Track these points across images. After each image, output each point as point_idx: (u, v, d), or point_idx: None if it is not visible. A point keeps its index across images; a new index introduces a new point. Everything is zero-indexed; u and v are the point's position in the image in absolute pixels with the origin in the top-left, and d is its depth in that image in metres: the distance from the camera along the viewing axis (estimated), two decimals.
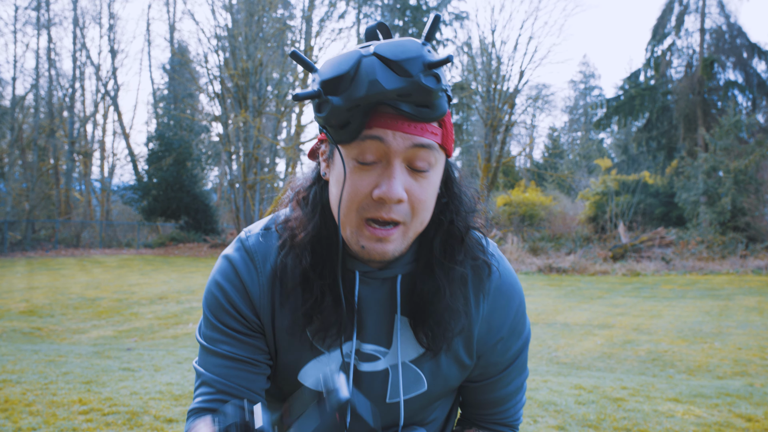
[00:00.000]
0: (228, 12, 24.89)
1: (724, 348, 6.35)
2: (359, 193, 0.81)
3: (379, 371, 0.95)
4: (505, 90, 24.48)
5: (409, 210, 0.82)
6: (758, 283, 12.62)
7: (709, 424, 3.49)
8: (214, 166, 33.24)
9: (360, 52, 0.76)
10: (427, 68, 0.74)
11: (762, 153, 17.81)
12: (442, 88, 0.76)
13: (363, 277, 0.92)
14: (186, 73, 27.97)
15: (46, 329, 7.45)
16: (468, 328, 0.95)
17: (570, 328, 7.62)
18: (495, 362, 1.00)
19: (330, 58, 0.78)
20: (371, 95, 0.74)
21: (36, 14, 26.49)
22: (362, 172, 0.81)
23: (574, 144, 44.61)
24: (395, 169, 0.80)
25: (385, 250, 0.83)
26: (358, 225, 0.83)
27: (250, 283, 0.93)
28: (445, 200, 0.92)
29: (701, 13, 25.22)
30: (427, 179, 0.83)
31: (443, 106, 0.79)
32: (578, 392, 4.20)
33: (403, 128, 0.78)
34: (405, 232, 0.84)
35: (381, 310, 0.93)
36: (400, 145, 0.79)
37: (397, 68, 0.74)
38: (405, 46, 0.75)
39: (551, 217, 22.14)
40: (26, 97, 25.78)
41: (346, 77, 0.75)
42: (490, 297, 0.96)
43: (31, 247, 21.99)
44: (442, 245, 0.91)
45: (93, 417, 3.33)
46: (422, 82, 0.74)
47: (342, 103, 0.75)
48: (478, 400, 1.05)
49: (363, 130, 0.78)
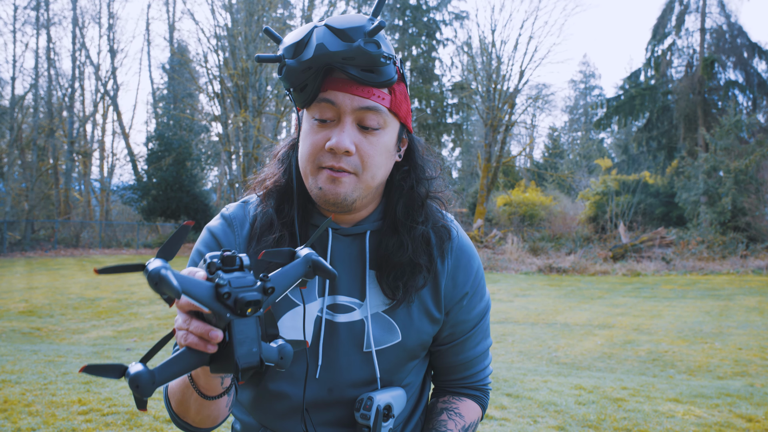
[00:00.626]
0: (228, 12, 24.88)
1: (724, 348, 6.34)
2: (316, 145, 0.93)
3: (356, 321, 1.02)
4: (505, 90, 24.47)
5: (359, 162, 0.93)
6: (758, 283, 12.61)
7: (710, 424, 3.49)
8: (213, 166, 33.23)
9: (315, 24, 0.89)
10: (367, 35, 0.86)
11: (762, 153, 17.80)
12: (383, 53, 0.87)
13: (335, 233, 1.02)
14: (186, 73, 27.97)
15: (46, 329, 7.44)
16: (435, 281, 1.05)
17: (570, 328, 7.61)
18: (463, 320, 1.09)
19: (292, 31, 0.90)
20: (318, 56, 0.86)
21: (35, 14, 26.49)
22: (319, 129, 0.93)
23: (574, 144, 44.60)
24: (345, 124, 0.91)
25: (338, 191, 0.93)
26: (316, 171, 0.94)
27: (226, 244, 1.03)
28: (406, 168, 1.03)
29: (701, 12, 25.21)
30: (376, 137, 0.93)
31: (389, 73, 0.90)
32: (578, 392, 4.19)
33: (352, 90, 0.90)
34: (357, 181, 0.94)
35: (353, 265, 1.03)
36: (348, 105, 0.91)
37: (341, 35, 0.86)
38: (351, 18, 0.88)
39: (551, 217, 22.14)
40: (25, 96, 25.77)
41: (301, 43, 0.88)
42: (453, 255, 1.07)
43: (30, 247, 21.98)
44: (404, 208, 1.02)
45: (92, 417, 3.32)
46: (362, 47, 0.85)
47: (295, 64, 0.88)
48: (449, 364, 1.13)
49: (319, 93, 0.91)
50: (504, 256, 17.38)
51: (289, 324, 1.00)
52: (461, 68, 30.90)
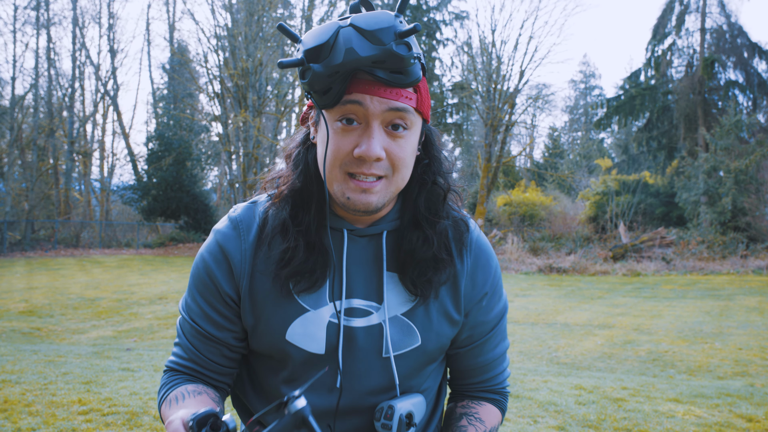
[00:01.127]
0: (228, 12, 24.89)
1: (724, 348, 6.34)
2: (342, 151, 0.88)
3: (374, 325, 0.98)
4: (505, 90, 24.47)
5: (389, 166, 0.90)
6: (759, 283, 12.61)
7: (710, 424, 3.49)
8: (213, 166, 33.24)
9: (338, 24, 0.83)
10: (398, 37, 0.81)
11: (762, 153, 17.80)
12: (414, 55, 0.83)
13: (350, 235, 0.98)
14: (186, 73, 27.96)
15: (46, 329, 7.44)
16: (455, 282, 1.01)
17: (570, 328, 7.61)
18: (481, 321, 1.05)
19: (312, 30, 0.85)
20: (348, 62, 0.81)
21: (35, 14, 26.49)
22: (344, 132, 0.88)
23: (574, 144, 44.59)
24: (374, 130, 0.87)
25: (369, 200, 0.90)
26: (344, 179, 0.90)
27: (232, 252, 0.99)
28: (426, 161, 0.99)
29: (702, 12, 25.20)
30: (405, 139, 0.90)
31: (416, 73, 0.85)
32: (578, 392, 4.18)
33: (380, 93, 0.86)
34: (387, 185, 0.91)
35: (369, 267, 0.99)
36: (377, 108, 0.86)
37: (371, 37, 0.81)
38: (378, 18, 0.82)
39: (551, 217, 22.13)
40: (26, 96, 25.77)
41: (326, 46, 0.82)
42: (472, 252, 1.03)
43: (30, 247, 21.98)
44: (426, 202, 0.99)
45: (92, 417, 3.32)
46: (394, 50, 0.81)
47: (322, 70, 0.82)
48: (467, 367, 1.10)
49: (344, 95, 0.86)
50: (504, 256, 17.38)
51: (299, 331, 0.96)
52: (461, 68, 30.90)
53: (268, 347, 0.99)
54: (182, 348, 1.03)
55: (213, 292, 0.99)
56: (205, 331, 1.00)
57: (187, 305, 1.03)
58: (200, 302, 1.00)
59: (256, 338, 1.00)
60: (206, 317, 1.00)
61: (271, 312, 0.97)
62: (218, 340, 1.00)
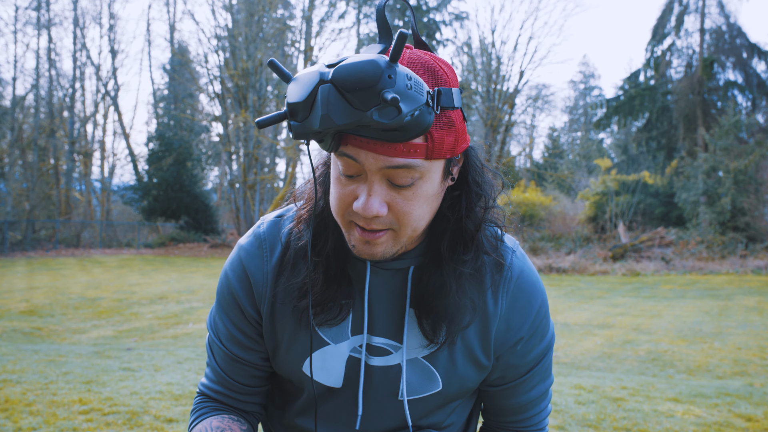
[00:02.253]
0: (228, 12, 24.90)
1: (723, 348, 6.35)
2: (343, 202, 0.81)
3: (392, 366, 0.92)
4: (505, 90, 24.49)
5: (394, 220, 0.80)
6: (758, 283, 12.62)
7: (709, 424, 3.50)
8: (214, 166, 33.25)
9: (320, 75, 0.71)
10: (384, 102, 0.68)
11: (762, 153, 17.81)
12: (403, 117, 0.69)
13: (374, 267, 0.90)
14: (186, 73, 27.98)
15: (47, 329, 7.45)
16: (485, 324, 0.92)
17: (570, 328, 7.62)
18: (515, 365, 0.96)
19: (298, 76, 0.75)
20: (326, 129, 0.71)
21: (36, 14, 26.50)
22: (346, 181, 0.80)
23: (574, 144, 44.60)
24: (372, 186, 0.77)
25: (373, 252, 0.82)
26: (348, 227, 0.83)
27: (254, 272, 0.94)
28: (457, 193, 0.86)
29: (701, 13, 25.22)
30: (413, 191, 0.78)
31: (419, 125, 0.72)
32: (578, 392, 4.20)
33: (376, 149, 0.74)
34: (395, 236, 0.82)
35: (391, 302, 0.91)
36: (372, 165, 0.75)
37: (351, 99, 0.69)
38: (363, 74, 0.69)
39: (551, 217, 22.14)
40: (26, 97, 25.79)
41: (305, 105, 0.72)
42: (510, 293, 0.93)
43: (31, 247, 21.99)
44: (449, 242, 0.87)
45: (93, 417, 3.33)
46: (374, 119, 0.69)
47: (302, 130, 0.73)
48: (500, 406, 1.02)
49: (339, 146, 0.76)
50: None
51: (318, 364, 0.92)
52: (461, 68, 30.90)
53: (287, 374, 0.97)
54: (212, 370, 1.01)
55: (237, 312, 0.96)
56: (232, 353, 0.97)
57: (214, 323, 1.00)
58: (226, 322, 0.97)
59: (276, 363, 0.98)
60: (232, 338, 0.97)
61: (289, 341, 0.94)
62: (245, 361, 0.98)
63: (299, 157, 26.55)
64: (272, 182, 28.53)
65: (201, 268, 15.65)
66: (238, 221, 25.50)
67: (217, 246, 22.40)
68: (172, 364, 4.95)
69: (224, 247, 22.32)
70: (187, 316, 8.43)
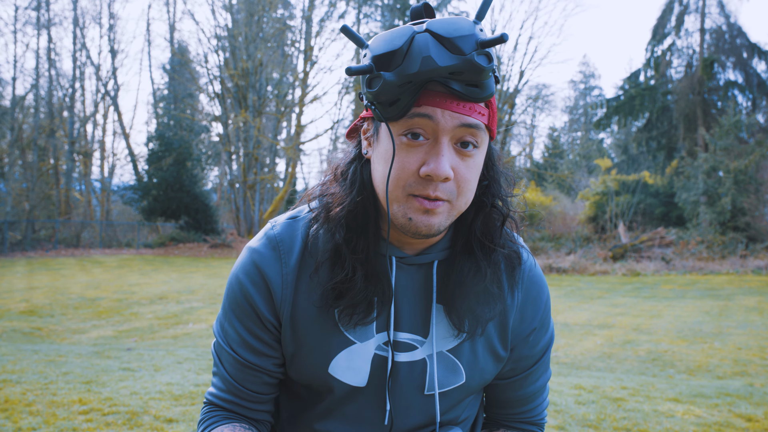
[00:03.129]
0: (228, 12, 24.90)
1: (724, 348, 6.35)
2: (406, 170, 0.81)
3: (417, 361, 0.92)
4: (505, 90, 24.47)
5: (455, 188, 0.82)
6: (758, 283, 12.62)
7: (709, 424, 3.49)
8: (214, 166, 33.25)
9: (413, 29, 0.76)
10: (480, 47, 0.74)
11: (762, 153, 17.81)
12: (493, 67, 0.76)
13: (399, 262, 0.91)
14: (186, 73, 27.98)
15: (46, 329, 7.45)
16: (503, 317, 0.95)
17: (570, 328, 7.62)
18: (526, 355, 1.00)
19: (381, 34, 0.78)
20: (424, 72, 0.73)
21: (36, 14, 26.51)
22: (409, 149, 0.80)
23: (574, 144, 44.61)
24: (443, 146, 0.79)
25: (431, 222, 0.82)
26: (406, 199, 0.82)
27: (272, 276, 0.92)
28: (486, 183, 0.91)
29: (701, 13, 25.22)
30: (473, 159, 0.82)
31: (492, 87, 0.78)
32: (578, 392, 4.19)
33: (452, 107, 0.78)
34: (450, 209, 0.83)
35: (417, 298, 0.92)
36: (448, 123, 0.78)
37: (450, 45, 0.74)
38: (458, 24, 0.75)
39: (551, 217, 22.13)
40: (26, 97, 25.79)
41: (399, 53, 0.74)
42: (524, 286, 0.97)
43: (31, 247, 21.99)
44: (482, 227, 0.90)
45: (93, 417, 3.33)
46: (475, 60, 0.74)
47: (394, 78, 0.74)
48: (506, 398, 1.05)
49: (412, 107, 0.78)
50: None
51: (343, 364, 0.92)
52: None
53: (308, 378, 0.95)
54: (221, 379, 0.98)
55: (252, 317, 0.93)
56: (243, 359, 0.95)
57: (223, 330, 0.97)
58: (238, 327, 0.94)
59: (294, 367, 0.95)
60: (245, 344, 0.94)
61: (313, 343, 0.92)
62: (258, 367, 0.95)
63: (299, 157, 26.52)
64: (272, 182, 28.54)
65: (201, 268, 15.65)
66: (238, 221, 25.50)
67: (217, 246, 22.40)
68: (172, 364, 4.95)
69: (224, 247, 22.32)
70: (187, 316, 8.43)
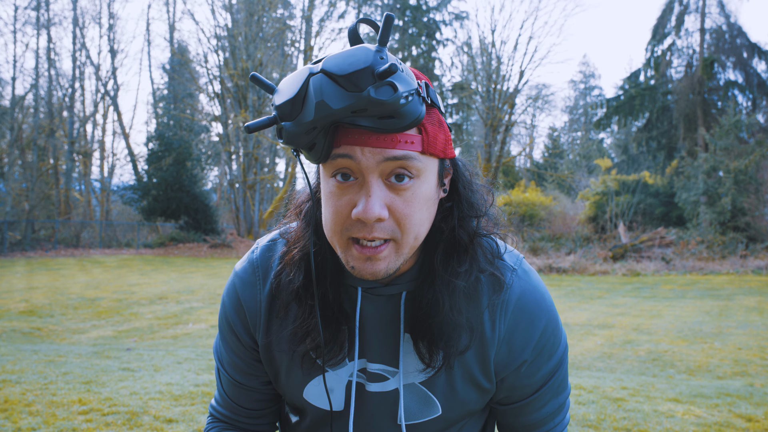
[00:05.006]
0: (228, 12, 24.89)
1: (724, 348, 6.34)
2: (340, 213, 0.76)
3: (389, 392, 0.90)
4: (505, 90, 24.49)
5: (395, 226, 0.76)
6: (758, 283, 12.62)
7: (709, 424, 3.49)
8: (214, 166, 33.26)
9: (310, 70, 0.71)
10: (378, 79, 0.67)
11: (762, 153, 17.81)
12: (401, 96, 0.68)
13: (366, 293, 0.87)
14: (186, 73, 27.98)
15: (46, 329, 7.44)
16: (482, 348, 0.88)
17: (570, 328, 7.62)
18: (522, 385, 0.92)
19: (285, 79, 0.75)
20: (321, 117, 0.69)
21: (36, 14, 26.51)
22: (341, 191, 0.76)
23: (574, 144, 44.62)
24: (371, 186, 0.74)
25: (375, 269, 0.77)
26: (346, 245, 0.78)
27: (248, 301, 0.93)
28: (449, 204, 0.85)
29: (701, 13, 25.22)
30: (411, 191, 0.75)
31: (414, 112, 0.71)
32: (578, 392, 4.19)
33: (371, 142, 0.72)
34: (396, 248, 0.77)
35: (386, 329, 0.89)
36: (370, 161, 0.73)
37: (345, 84, 0.68)
38: (354, 57, 0.69)
39: (551, 217, 22.13)
40: (26, 97, 25.78)
41: (296, 100, 0.70)
42: (510, 316, 0.87)
43: (30, 247, 21.99)
44: (443, 255, 0.84)
45: (93, 417, 3.33)
46: (372, 97, 0.67)
47: (295, 128, 0.71)
48: (511, 423, 0.98)
49: (332, 149, 0.74)
50: None
51: (317, 390, 0.92)
52: (461, 68, 30.93)
53: (289, 399, 0.98)
54: (220, 395, 1.04)
55: (234, 340, 0.96)
56: (233, 379, 0.99)
57: (218, 350, 1.01)
58: (226, 349, 0.98)
59: (278, 388, 0.98)
60: (233, 364, 0.98)
61: (287, 370, 0.93)
62: (248, 386, 0.99)
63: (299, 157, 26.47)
64: (272, 182, 28.54)
65: (201, 268, 15.65)
66: (237, 221, 25.50)
67: (217, 246, 22.39)
68: (172, 364, 4.95)
69: (224, 247, 22.32)
70: (186, 316, 8.42)
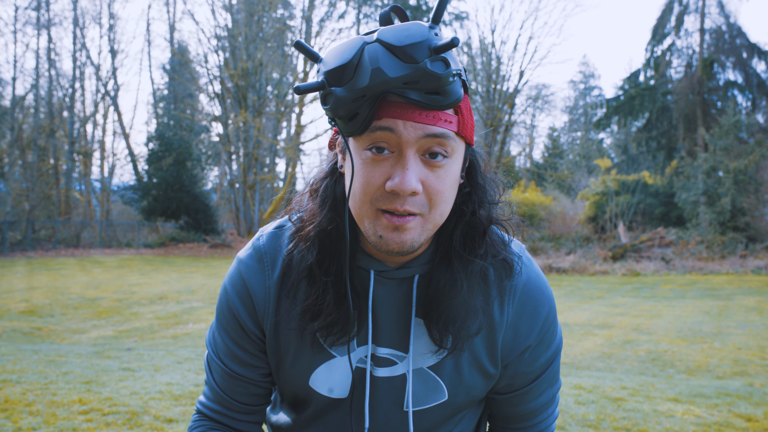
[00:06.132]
0: (228, 12, 24.90)
1: (723, 348, 6.35)
2: (372, 185, 0.77)
3: (397, 376, 0.91)
4: (505, 90, 24.50)
5: (426, 201, 0.78)
6: (758, 283, 12.63)
7: (709, 424, 3.50)
8: (214, 166, 33.25)
9: (364, 39, 0.73)
10: (433, 53, 0.71)
11: (761, 153, 17.82)
12: (452, 72, 0.72)
13: (378, 276, 0.88)
14: (186, 73, 27.98)
15: (46, 329, 7.45)
16: (491, 332, 0.90)
17: (570, 328, 7.62)
18: (522, 372, 0.94)
19: (333, 47, 0.75)
20: (375, 85, 0.71)
21: (36, 14, 26.51)
22: (375, 163, 0.77)
23: (574, 144, 44.62)
24: (408, 160, 0.75)
25: (403, 239, 0.78)
26: (375, 215, 0.79)
27: (256, 288, 0.91)
28: (467, 190, 0.88)
29: (701, 13, 25.23)
30: (444, 169, 0.78)
31: (456, 92, 0.74)
32: (578, 392, 4.20)
33: (414, 117, 0.74)
34: (423, 223, 0.79)
35: (397, 312, 0.89)
36: (411, 135, 0.75)
37: (401, 54, 0.70)
38: (410, 31, 0.72)
39: (551, 217, 22.13)
40: (26, 97, 25.80)
41: (349, 66, 0.72)
42: (517, 301, 0.91)
43: (31, 247, 21.99)
44: (462, 237, 0.86)
45: (93, 417, 3.33)
46: (428, 68, 0.70)
47: (346, 94, 0.72)
48: (507, 413, 1.00)
49: (372, 121, 0.75)
50: None
51: (324, 378, 0.91)
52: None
53: (292, 389, 0.96)
54: (210, 388, 0.99)
55: (237, 329, 0.94)
56: (230, 370, 0.95)
57: (213, 340, 0.98)
58: (225, 339, 0.95)
59: (279, 378, 0.96)
60: (232, 355, 0.95)
61: (294, 356, 0.92)
62: (245, 378, 0.96)
63: (299, 157, 26.51)
64: (272, 182, 28.54)
65: (201, 268, 15.65)
66: (237, 221, 25.51)
67: (217, 246, 22.40)
68: (172, 364, 4.95)
69: (224, 247, 22.32)
70: (186, 316, 8.43)
